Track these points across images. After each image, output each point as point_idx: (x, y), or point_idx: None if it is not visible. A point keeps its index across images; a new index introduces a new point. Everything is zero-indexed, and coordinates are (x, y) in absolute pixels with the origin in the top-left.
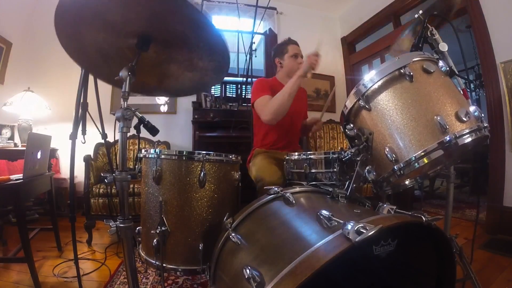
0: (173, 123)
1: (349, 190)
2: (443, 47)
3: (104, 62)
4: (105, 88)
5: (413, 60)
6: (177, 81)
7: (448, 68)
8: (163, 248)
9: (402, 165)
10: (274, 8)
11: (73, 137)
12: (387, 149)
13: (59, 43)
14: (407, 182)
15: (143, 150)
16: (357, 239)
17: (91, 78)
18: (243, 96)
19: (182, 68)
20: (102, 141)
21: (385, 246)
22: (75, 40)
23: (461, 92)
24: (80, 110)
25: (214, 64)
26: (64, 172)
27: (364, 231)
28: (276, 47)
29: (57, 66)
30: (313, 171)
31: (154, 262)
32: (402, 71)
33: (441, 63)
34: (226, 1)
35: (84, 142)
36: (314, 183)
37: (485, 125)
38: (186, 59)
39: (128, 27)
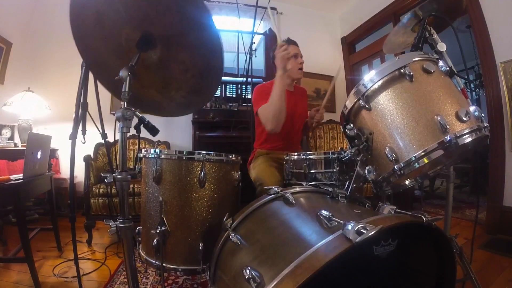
0: (173, 123)
1: (349, 190)
2: (442, 47)
3: (105, 57)
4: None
5: (413, 60)
6: (156, 97)
7: (448, 68)
8: (163, 248)
9: (402, 165)
10: (274, 8)
11: (73, 137)
12: (387, 149)
13: (60, 42)
14: (407, 182)
15: (143, 150)
16: (357, 240)
17: (91, 78)
18: (243, 96)
19: (167, 87)
20: (102, 141)
21: (385, 246)
22: (84, 29)
23: (461, 92)
24: (80, 110)
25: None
26: (64, 172)
27: (365, 232)
28: (274, 48)
29: (57, 66)
30: (312, 171)
31: (154, 262)
32: (402, 71)
33: (441, 63)
34: (226, 1)
35: (84, 142)
36: (314, 183)
37: (485, 125)
38: (177, 74)
39: (136, 21)
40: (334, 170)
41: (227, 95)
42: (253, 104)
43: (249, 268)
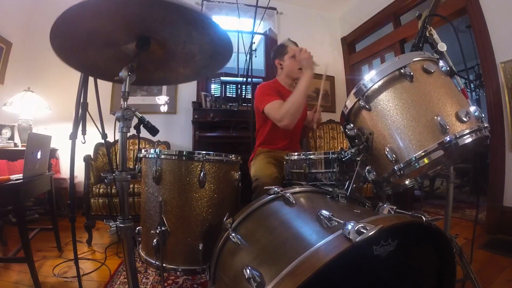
0: (173, 123)
1: (349, 190)
2: (442, 47)
3: (103, 63)
4: (105, 88)
5: (413, 60)
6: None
7: (448, 68)
8: (163, 248)
9: (402, 165)
10: (274, 8)
11: (73, 137)
12: (387, 149)
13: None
14: (407, 182)
15: (143, 150)
16: (357, 239)
17: (91, 78)
18: (243, 96)
19: (181, 62)
20: (102, 141)
21: (385, 246)
22: (73, 50)
23: (461, 92)
24: (80, 110)
25: (215, 59)
26: (64, 172)
27: (364, 231)
28: (275, 49)
29: (57, 66)
30: (313, 171)
31: (154, 262)
32: (402, 71)
33: (441, 63)
34: (226, 1)
35: (84, 142)
36: (314, 183)
37: (485, 125)
38: (185, 55)
39: (124, 33)
40: (334, 170)
41: (227, 95)
42: (257, 101)
43: (249, 267)
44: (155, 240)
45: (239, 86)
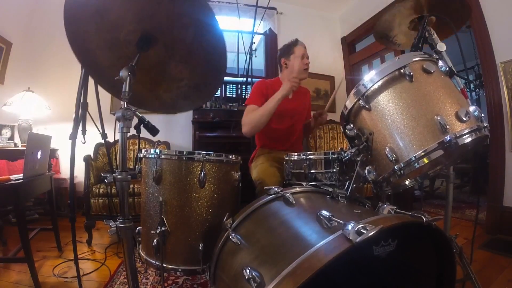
0: (173, 123)
1: (349, 190)
2: (441, 47)
3: (96, 49)
4: None
5: (413, 60)
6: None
7: (448, 68)
8: (163, 248)
9: (402, 165)
10: (274, 8)
11: (73, 137)
12: (387, 149)
13: (60, 42)
14: (407, 182)
15: (143, 150)
16: (357, 240)
17: (91, 78)
18: (243, 96)
19: (168, 81)
20: (102, 141)
21: (385, 246)
22: (80, 38)
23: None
24: (80, 110)
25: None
26: (64, 172)
27: (365, 232)
28: (282, 48)
29: (57, 66)
30: (313, 171)
31: (154, 262)
32: (402, 71)
33: (441, 63)
34: (226, 1)
35: (84, 142)
36: (314, 183)
37: (485, 125)
38: (174, 74)
39: (131, 25)
40: (334, 170)
41: (227, 95)
42: (249, 95)
43: (249, 268)
44: (155, 240)
45: (239, 86)
